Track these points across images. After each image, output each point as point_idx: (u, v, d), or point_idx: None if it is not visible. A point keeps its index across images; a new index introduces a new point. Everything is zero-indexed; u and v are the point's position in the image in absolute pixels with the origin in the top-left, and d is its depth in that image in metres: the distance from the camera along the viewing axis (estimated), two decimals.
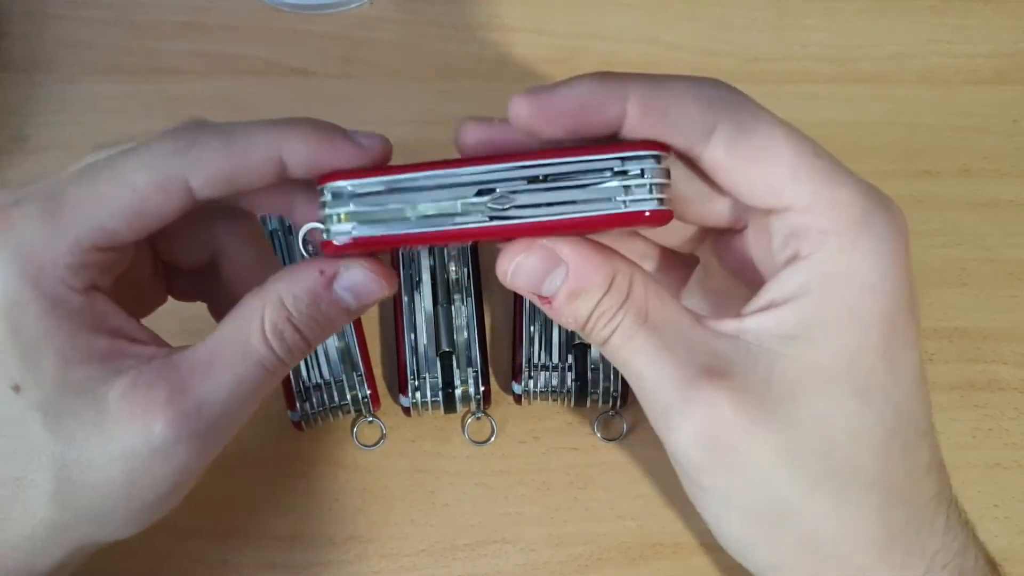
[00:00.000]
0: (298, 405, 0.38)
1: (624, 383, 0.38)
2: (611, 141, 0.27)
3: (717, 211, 0.29)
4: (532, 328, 0.39)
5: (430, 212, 0.26)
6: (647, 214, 0.26)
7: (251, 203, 0.30)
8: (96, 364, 0.27)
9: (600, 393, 0.38)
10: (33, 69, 0.45)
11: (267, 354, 0.28)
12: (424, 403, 0.38)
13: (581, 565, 0.38)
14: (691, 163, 0.27)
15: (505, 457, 0.39)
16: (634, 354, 0.27)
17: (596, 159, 0.26)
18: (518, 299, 0.40)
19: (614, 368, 0.38)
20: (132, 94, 0.44)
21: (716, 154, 0.26)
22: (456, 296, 0.39)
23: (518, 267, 0.27)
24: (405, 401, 0.38)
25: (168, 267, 0.32)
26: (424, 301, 0.39)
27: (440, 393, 0.38)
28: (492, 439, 0.40)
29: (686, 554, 0.38)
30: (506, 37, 0.46)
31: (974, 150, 0.44)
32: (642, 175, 0.26)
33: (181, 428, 0.27)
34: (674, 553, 0.38)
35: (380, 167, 0.28)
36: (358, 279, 0.28)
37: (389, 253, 0.39)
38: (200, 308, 0.33)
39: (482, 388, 0.38)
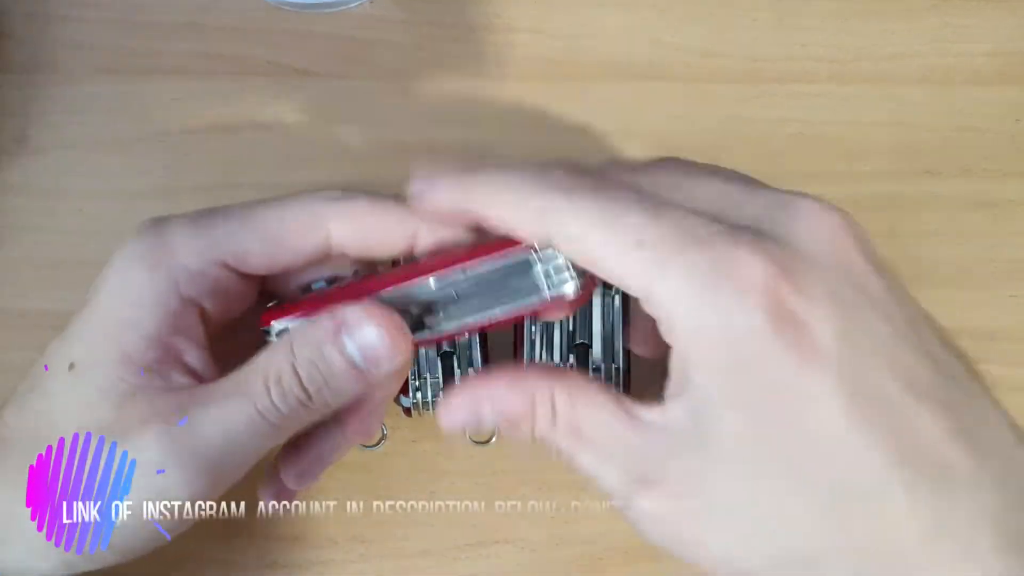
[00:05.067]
0: None
1: (625, 385, 0.38)
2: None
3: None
4: (533, 328, 0.39)
5: None
6: (571, 297, 0.27)
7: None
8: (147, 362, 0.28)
9: None
10: (34, 70, 0.45)
11: (262, 397, 0.27)
12: (425, 403, 0.38)
13: (582, 565, 0.38)
14: None
15: (506, 457, 0.39)
16: (581, 467, 0.28)
17: (511, 253, 0.27)
18: None
19: (616, 369, 0.38)
20: (134, 95, 0.44)
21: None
22: None
23: (451, 418, 0.28)
24: (406, 401, 0.38)
25: None
26: None
27: (441, 393, 0.38)
28: (493, 439, 0.40)
29: None
30: (507, 37, 0.46)
31: (975, 150, 0.44)
32: (558, 259, 0.27)
33: (167, 446, 0.27)
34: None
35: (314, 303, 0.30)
36: (368, 339, 0.28)
37: None
38: None
39: None
